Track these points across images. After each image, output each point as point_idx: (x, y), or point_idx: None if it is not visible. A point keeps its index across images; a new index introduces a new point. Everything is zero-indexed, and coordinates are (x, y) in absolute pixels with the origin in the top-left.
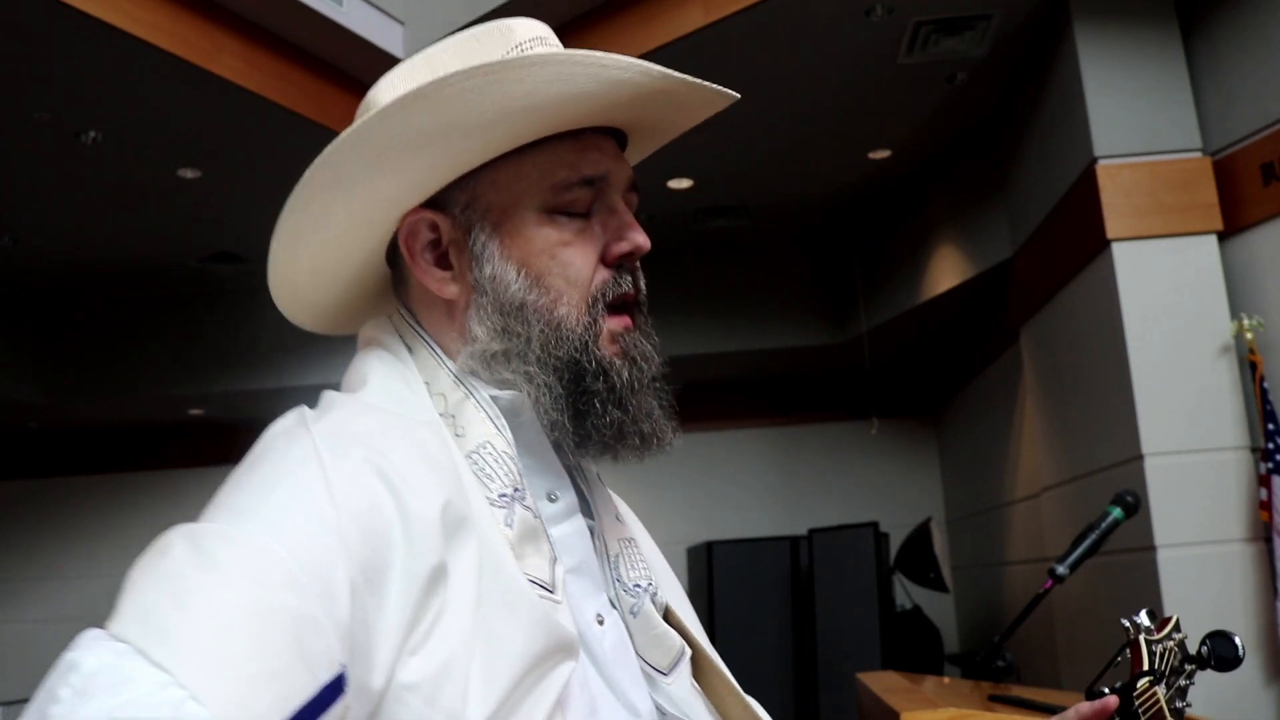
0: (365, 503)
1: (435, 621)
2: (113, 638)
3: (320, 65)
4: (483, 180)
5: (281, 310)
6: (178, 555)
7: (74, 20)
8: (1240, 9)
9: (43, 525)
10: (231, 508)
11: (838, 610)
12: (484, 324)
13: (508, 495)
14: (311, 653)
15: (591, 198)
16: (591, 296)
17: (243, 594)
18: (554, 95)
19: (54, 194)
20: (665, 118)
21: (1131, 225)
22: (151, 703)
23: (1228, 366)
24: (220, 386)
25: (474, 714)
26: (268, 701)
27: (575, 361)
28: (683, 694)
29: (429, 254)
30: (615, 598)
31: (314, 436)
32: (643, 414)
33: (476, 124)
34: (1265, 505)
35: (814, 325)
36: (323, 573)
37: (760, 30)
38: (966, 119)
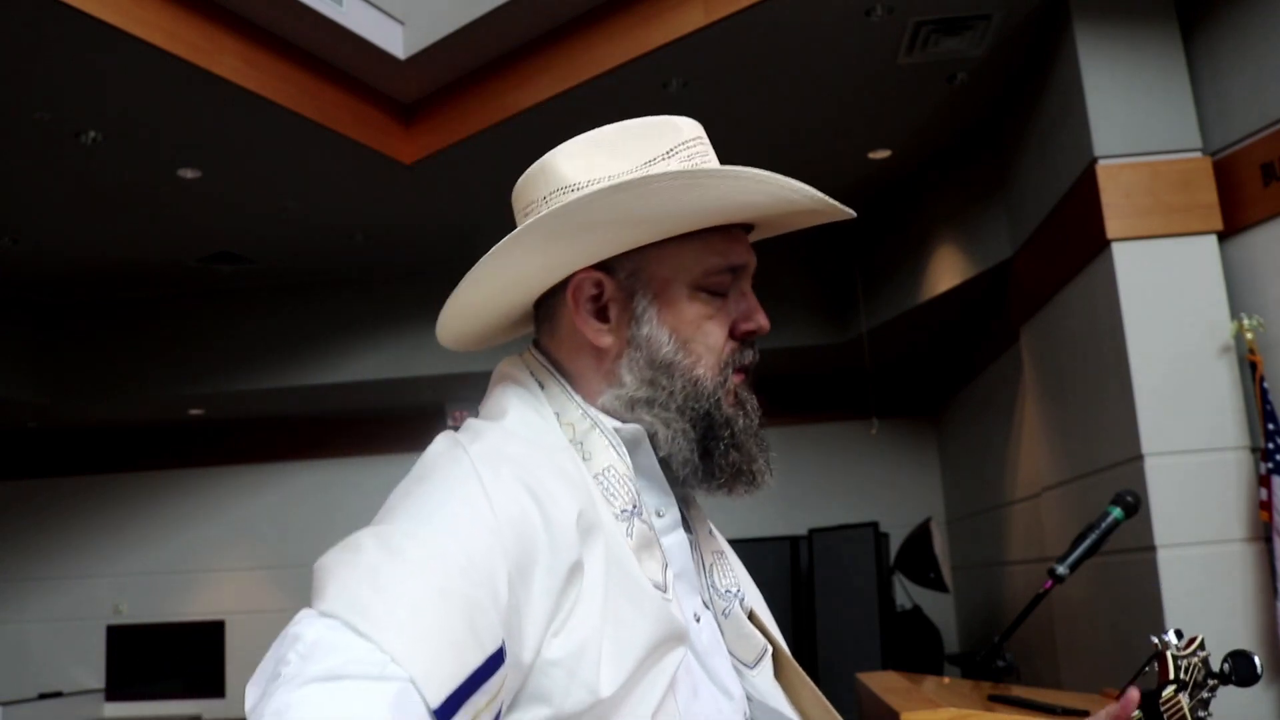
0: (517, 511)
1: (573, 609)
2: (323, 615)
3: (320, 65)
4: (649, 255)
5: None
6: (370, 550)
7: (74, 20)
8: (1240, 9)
9: (43, 525)
10: (409, 513)
11: (838, 610)
12: (634, 373)
13: (628, 510)
14: (480, 630)
15: (730, 282)
16: (723, 362)
17: (427, 580)
18: (736, 204)
19: (54, 194)
20: (790, 222)
21: (1131, 225)
22: (362, 662)
23: (1228, 366)
24: (220, 386)
25: (606, 685)
26: (450, 666)
27: (708, 414)
28: (765, 684)
29: (590, 306)
30: (709, 601)
31: (472, 458)
32: (752, 457)
33: (667, 215)
34: (1265, 505)
35: (814, 325)
36: (487, 566)
37: (760, 30)
38: (966, 119)
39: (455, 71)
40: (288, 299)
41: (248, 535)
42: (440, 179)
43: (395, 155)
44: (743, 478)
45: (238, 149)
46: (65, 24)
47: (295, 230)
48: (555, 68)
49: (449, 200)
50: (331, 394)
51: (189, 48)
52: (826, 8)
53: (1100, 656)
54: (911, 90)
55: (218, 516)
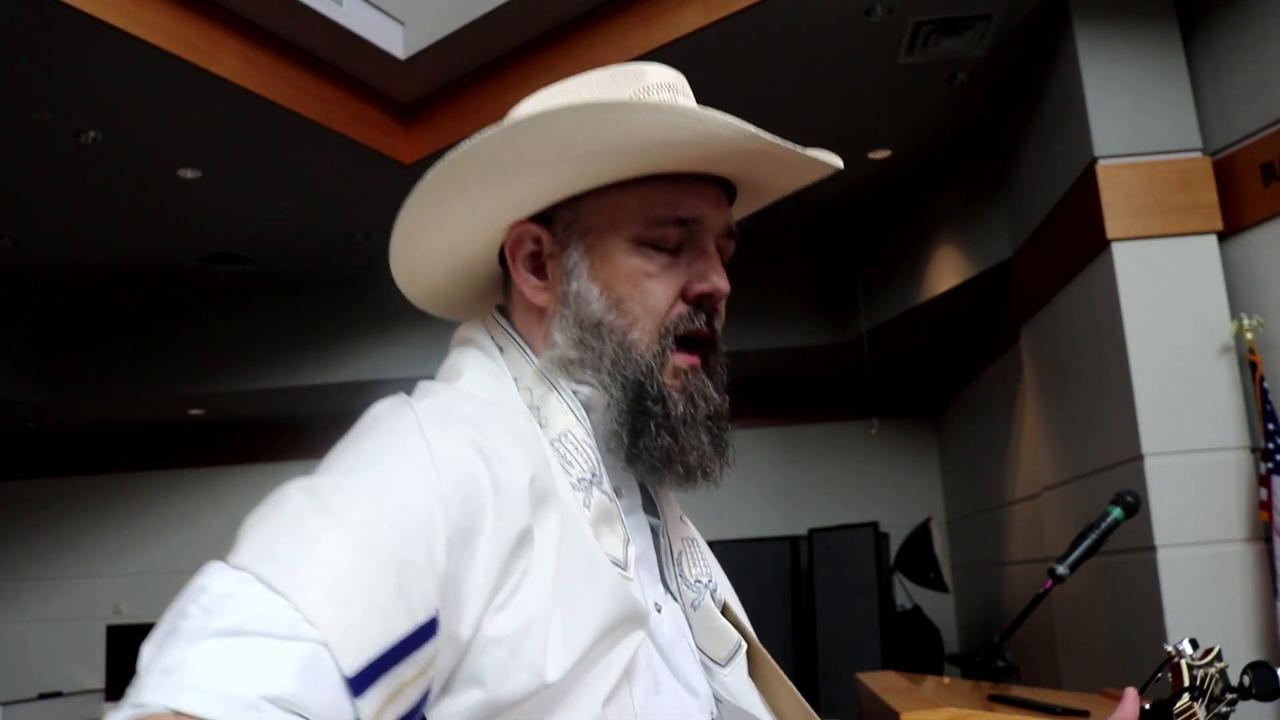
0: (464, 470)
1: (520, 582)
2: (235, 567)
3: (320, 65)
4: (588, 204)
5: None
6: (295, 501)
7: (74, 20)
8: (1240, 9)
9: (43, 525)
10: (343, 467)
11: (838, 610)
12: (564, 333)
13: (586, 479)
14: (411, 595)
15: (682, 237)
16: (664, 327)
17: (355, 536)
18: (651, 140)
19: (54, 194)
20: (768, 176)
21: (1131, 225)
22: (272, 618)
23: (1228, 366)
24: (220, 386)
25: (552, 669)
26: (371, 631)
27: (639, 384)
28: (738, 684)
29: (529, 262)
30: (678, 591)
31: (417, 413)
32: (691, 446)
33: (585, 152)
34: (1265, 505)
35: (814, 325)
36: (425, 526)
37: (760, 30)
38: (966, 119)
39: (455, 71)
40: (288, 299)
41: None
42: None
43: (395, 155)
44: (675, 468)
45: (238, 149)
46: (65, 24)
47: (295, 230)
48: (555, 68)
49: None
50: (331, 394)
51: (189, 48)
52: (826, 8)
53: (1100, 656)
54: (911, 90)
55: (218, 516)
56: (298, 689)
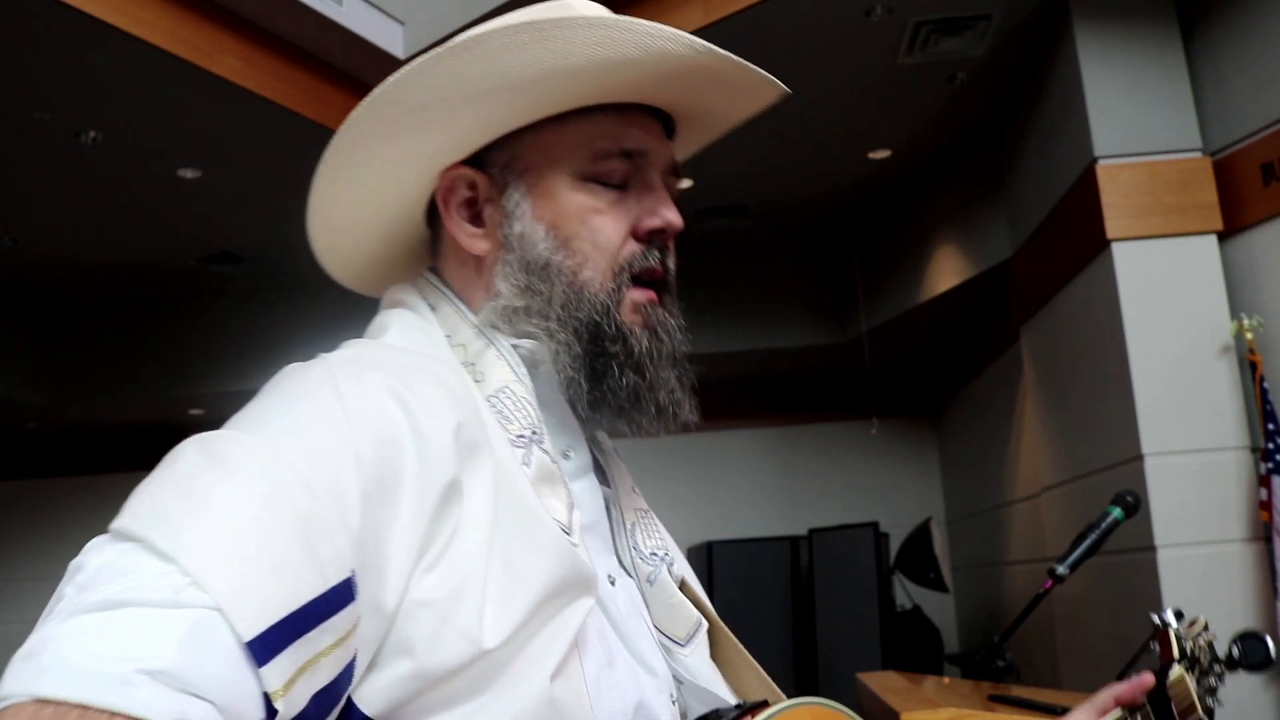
0: (379, 419)
1: (450, 540)
2: (117, 536)
3: (320, 65)
4: (524, 141)
5: (319, 258)
6: (188, 458)
7: (74, 20)
8: (1240, 9)
9: (43, 525)
10: (245, 421)
11: (838, 610)
12: (508, 280)
13: (525, 437)
14: (321, 553)
15: (629, 171)
16: (618, 265)
17: (252, 491)
18: (596, 59)
19: (54, 194)
20: (711, 106)
21: (1131, 225)
22: (153, 585)
23: (1228, 366)
24: (220, 386)
25: (490, 635)
26: (273, 591)
27: (595, 324)
28: (699, 665)
29: (464, 210)
30: (632, 565)
31: (330, 364)
32: (660, 383)
33: (519, 80)
34: (1265, 505)
35: (814, 325)
36: (334, 479)
37: (760, 30)
38: (966, 119)
39: None
40: (288, 299)
41: None
42: None
43: None
44: (646, 406)
45: (238, 149)
46: (65, 24)
47: (295, 230)
48: None
49: None
50: None
51: (189, 48)
52: (826, 8)
53: (1100, 657)
54: (911, 90)
55: None
56: (182, 660)
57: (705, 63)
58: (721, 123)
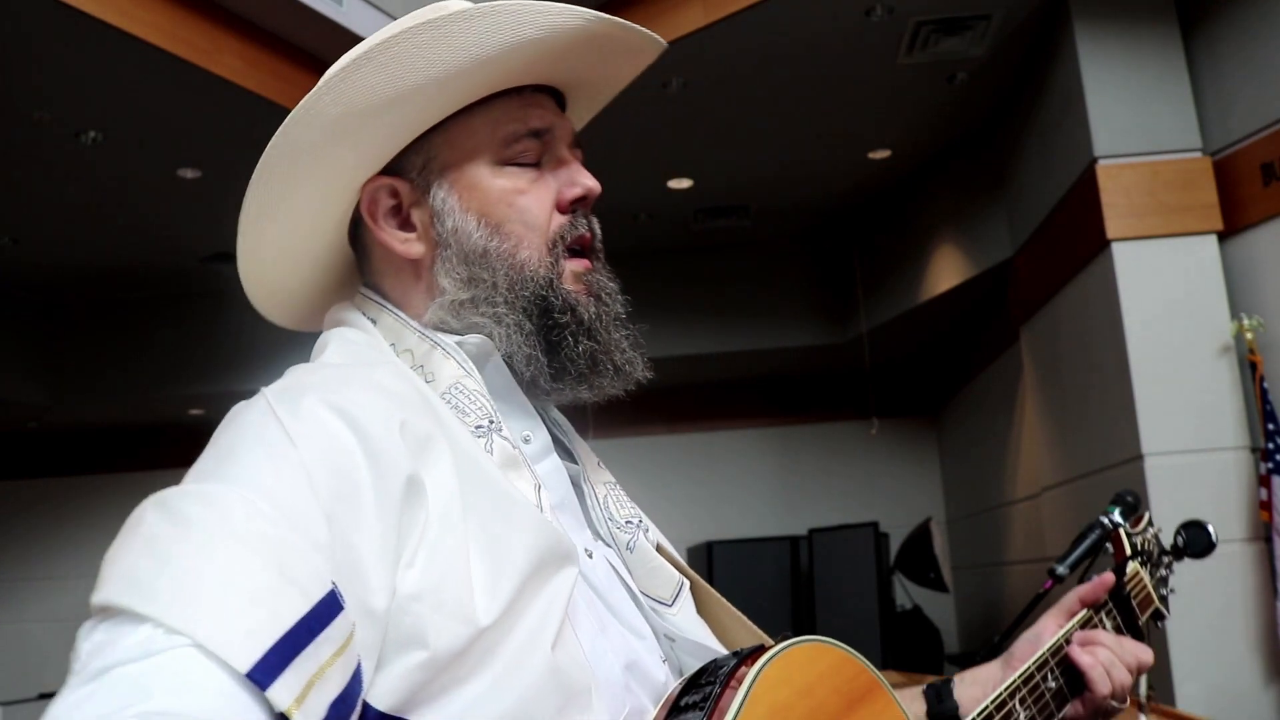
0: (322, 436)
1: (424, 532)
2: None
3: (320, 65)
4: (435, 141)
5: (252, 300)
6: (149, 521)
7: (74, 20)
8: (1240, 9)
9: (43, 525)
10: (198, 473)
11: (838, 610)
12: (450, 275)
13: (483, 426)
14: (297, 573)
15: (540, 149)
16: (551, 239)
17: (216, 534)
18: (500, 44)
19: (54, 194)
20: (598, 75)
21: (1131, 225)
22: (131, 646)
23: (1228, 366)
24: (220, 386)
25: (484, 612)
26: (259, 620)
27: (542, 299)
28: (688, 622)
29: (392, 219)
30: (610, 535)
31: (267, 397)
32: (613, 346)
33: (427, 80)
34: (1265, 505)
35: (814, 325)
36: (292, 505)
37: (760, 30)
38: (966, 119)
39: None
40: None
41: None
42: None
43: None
44: (603, 370)
45: (238, 149)
46: (65, 24)
47: None
48: None
49: None
50: None
51: (189, 48)
52: (826, 8)
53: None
54: (911, 90)
55: None
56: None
57: (595, 29)
58: (608, 90)
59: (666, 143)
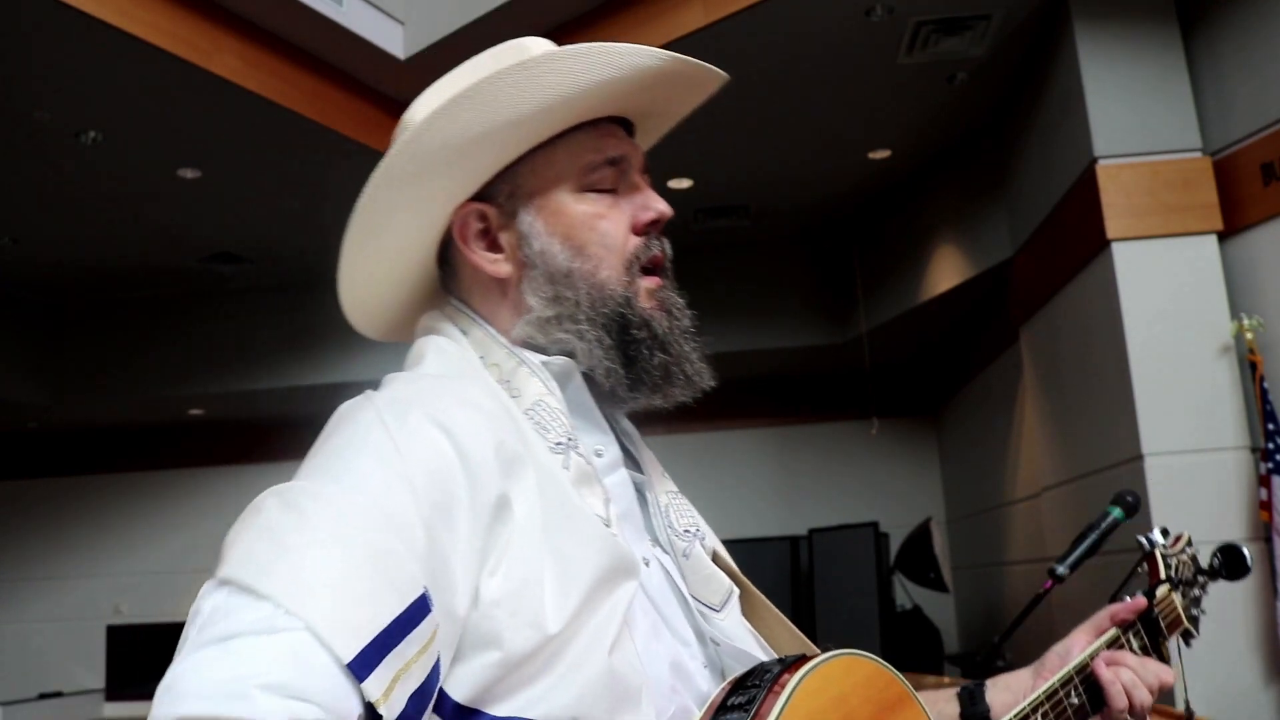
0: (429, 453)
1: (507, 545)
2: (220, 583)
3: (320, 65)
4: (521, 171)
5: (347, 315)
6: (270, 510)
7: (74, 20)
8: (1240, 9)
9: (43, 525)
10: (313, 470)
11: (838, 610)
12: (537, 294)
13: (563, 443)
14: (395, 577)
15: (616, 176)
16: (628, 260)
17: (329, 533)
18: (583, 84)
19: (54, 194)
20: (665, 104)
21: (1131, 225)
22: (253, 619)
23: (1228, 366)
24: (220, 386)
25: (553, 621)
26: (362, 615)
27: (621, 315)
28: (733, 627)
29: (480, 241)
30: (668, 543)
31: (376, 405)
32: (684, 357)
33: (519, 117)
34: (1265, 505)
35: (814, 325)
36: (397, 513)
37: (760, 30)
38: (966, 119)
39: None
40: (288, 299)
41: None
42: None
43: None
44: (675, 380)
45: (238, 149)
46: (65, 24)
47: (295, 230)
48: None
49: None
50: (331, 394)
51: (189, 48)
52: (826, 8)
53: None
54: (911, 90)
55: (217, 516)
56: (287, 674)
57: (667, 68)
58: (673, 116)
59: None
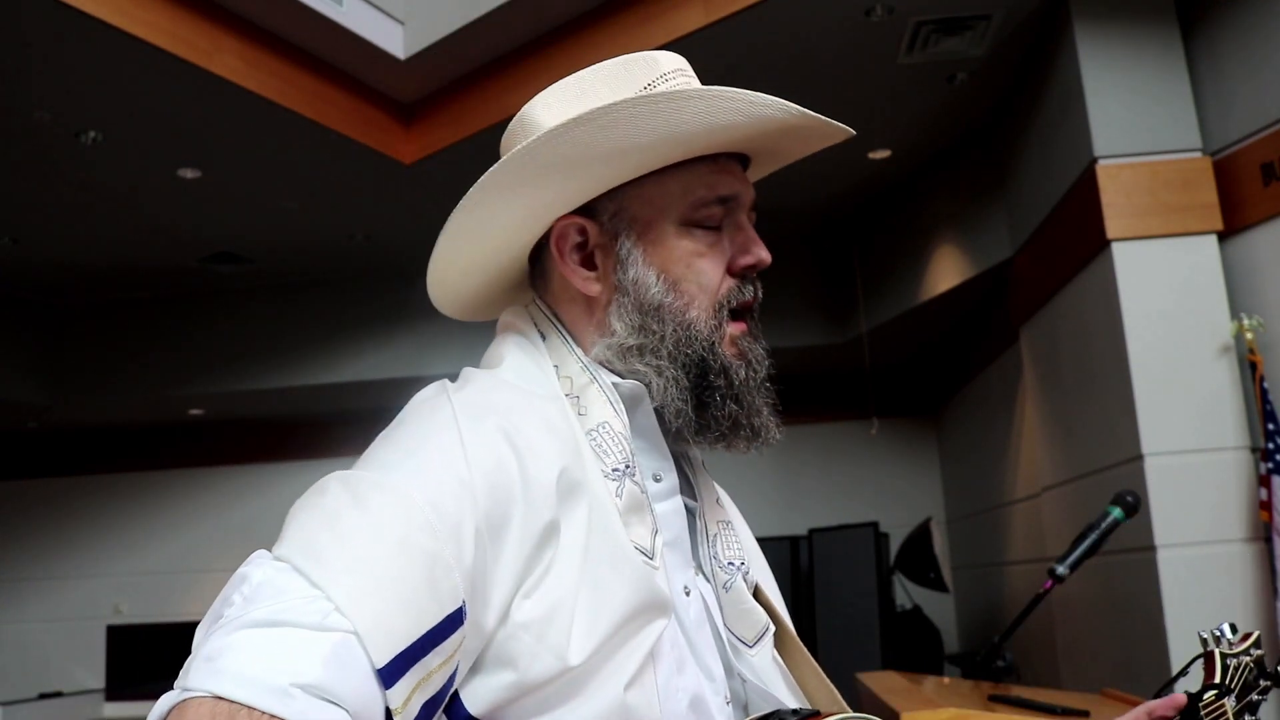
0: (493, 463)
1: (547, 570)
2: (276, 558)
3: (320, 65)
4: (630, 194)
5: (431, 294)
6: (335, 494)
7: (74, 20)
8: (1240, 9)
9: (43, 525)
10: (381, 461)
11: (838, 610)
12: (623, 320)
13: (620, 470)
14: (440, 587)
15: (723, 215)
16: (718, 303)
17: (388, 533)
18: (706, 125)
19: (54, 194)
20: (787, 146)
21: (1131, 225)
22: (305, 609)
23: (1228, 366)
24: (220, 386)
25: (575, 653)
26: (401, 624)
27: (702, 359)
28: (764, 665)
29: (576, 255)
30: (711, 573)
31: (454, 405)
32: (754, 410)
33: (636, 146)
34: (1265, 505)
35: (814, 325)
36: (454, 521)
37: (760, 30)
38: (966, 119)
39: (455, 71)
40: (288, 299)
41: (248, 535)
42: (440, 179)
43: (395, 155)
44: (743, 432)
45: (238, 149)
46: (65, 24)
47: (295, 230)
48: (555, 68)
49: (449, 200)
50: (331, 394)
51: (189, 48)
52: (826, 8)
53: (1100, 656)
54: (911, 90)
55: (217, 516)
56: (326, 676)
57: (792, 122)
58: (791, 157)
59: None
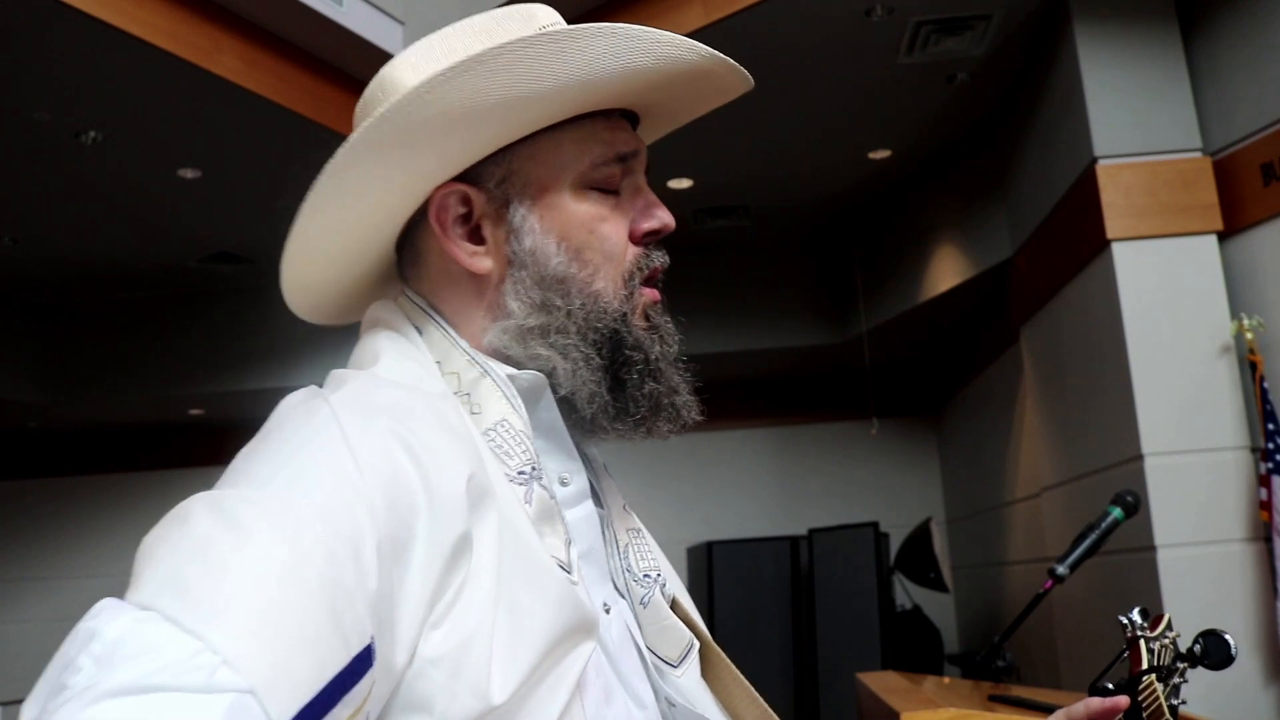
0: (390, 471)
1: (458, 594)
2: (135, 605)
3: (320, 65)
4: (520, 154)
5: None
6: (201, 520)
7: (74, 20)
8: (1240, 9)
9: (43, 525)
10: (250, 475)
11: (838, 610)
12: (521, 298)
13: (525, 473)
14: (344, 621)
15: (622, 175)
16: (627, 271)
17: (275, 558)
18: (614, 69)
19: (54, 194)
20: (682, 102)
21: (1131, 225)
22: (182, 669)
23: (1228, 366)
24: (220, 386)
25: (498, 689)
26: (303, 670)
27: (614, 333)
28: (690, 686)
29: (460, 228)
30: (625, 587)
31: (332, 405)
32: (674, 388)
33: (535, 94)
34: (1265, 505)
35: (814, 325)
36: (353, 539)
37: (760, 30)
38: (966, 119)
39: None
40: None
41: None
42: None
43: None
44: (664, 413)
45: (238, 149)
46: (65, 24)
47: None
48: None
49: None
50: None
51: (189, 48)
52: (826, 8)
53: (1100, 657)
54: (911, 90)
55: None
56: None
57: (705, 66)
58: (684, 117)
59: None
